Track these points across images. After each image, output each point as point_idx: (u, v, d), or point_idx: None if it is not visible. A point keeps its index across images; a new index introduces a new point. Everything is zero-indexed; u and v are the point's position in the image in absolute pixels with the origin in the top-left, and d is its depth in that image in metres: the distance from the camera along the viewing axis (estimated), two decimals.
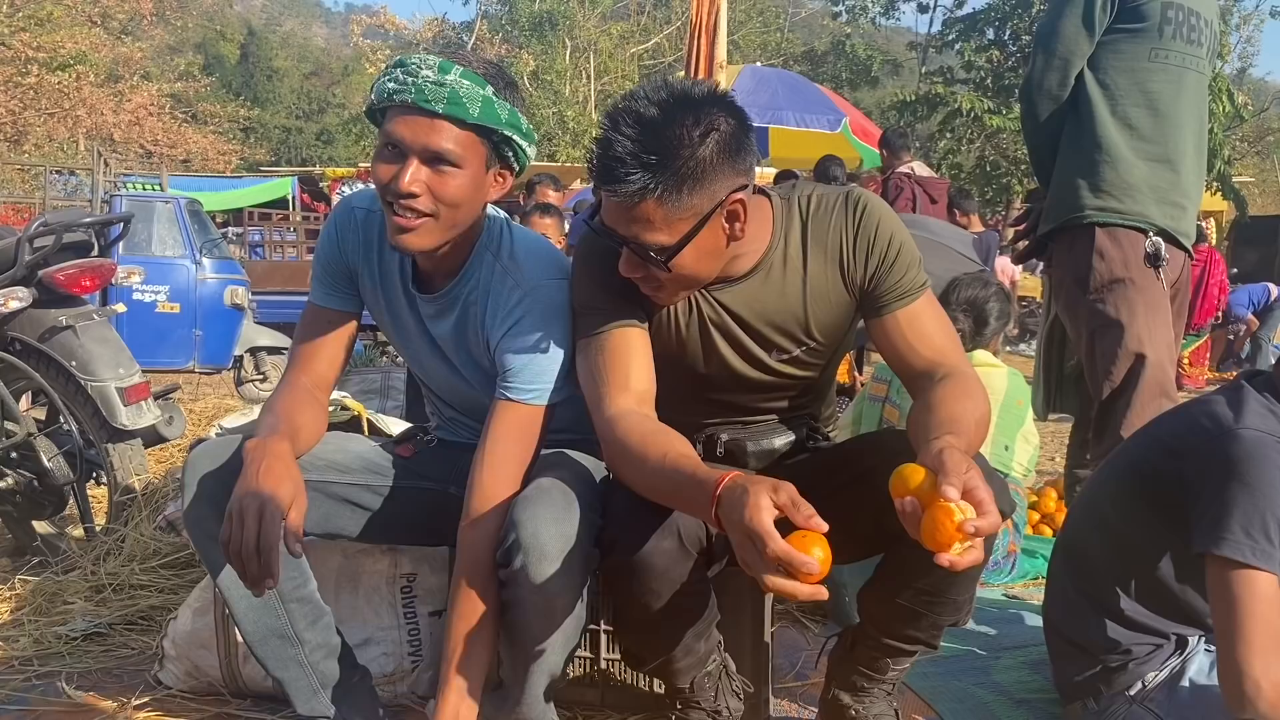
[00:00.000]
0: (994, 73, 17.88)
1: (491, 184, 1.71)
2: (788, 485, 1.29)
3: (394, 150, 1.62)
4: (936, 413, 1.50)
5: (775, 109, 9.47)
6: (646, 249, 1.54)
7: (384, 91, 1.62)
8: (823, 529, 1.25)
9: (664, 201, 1.50)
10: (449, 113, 1.59)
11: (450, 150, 1.61)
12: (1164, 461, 1.75)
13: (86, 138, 18.39)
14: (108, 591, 2.66)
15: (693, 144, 1.49)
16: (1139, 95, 2.46)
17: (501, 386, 1.71)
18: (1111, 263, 2.42)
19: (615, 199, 1.52)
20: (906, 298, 1.68)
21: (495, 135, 1.65)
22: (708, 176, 1.51)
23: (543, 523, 1.54)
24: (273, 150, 34.40)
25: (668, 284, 1.61)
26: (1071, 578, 1.94)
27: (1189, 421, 1.76)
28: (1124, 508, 1.84)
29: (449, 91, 1.59)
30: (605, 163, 1.50)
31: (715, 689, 1.81)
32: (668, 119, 1.49)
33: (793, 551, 1.22)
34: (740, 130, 1.55)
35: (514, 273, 1.75)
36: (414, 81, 1.59)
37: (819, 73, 23.98)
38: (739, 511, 1.27)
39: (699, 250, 1.56)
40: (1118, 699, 1.83)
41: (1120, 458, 1.94)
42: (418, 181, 1.61)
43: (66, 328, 2.99)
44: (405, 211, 1.63)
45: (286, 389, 1.80)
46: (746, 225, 1.59)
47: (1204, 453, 1.66)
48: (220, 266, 8.58)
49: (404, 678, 2.14)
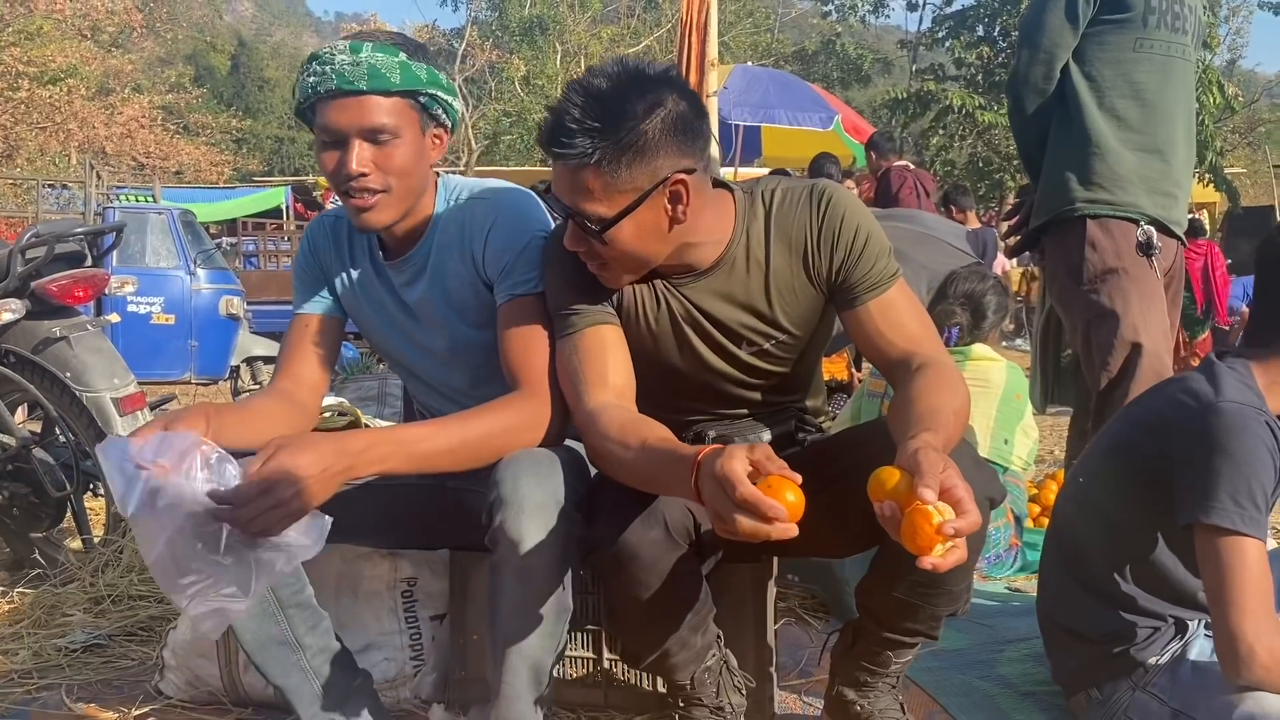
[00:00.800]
0: (984, 69, 17.89)
1: (431, 146, 1.79)
2: (764, 445, 1.30)
3: (332, 139, 1.69)
4: (914, 406, 1.50)
5: (767, 108, 9.48)
6: (585, 219, 1.56)
7: (306, 88, 1.69)
8: (795, 479, 1.25)
9: (602, 170, 1.52)
10: (372, 86, 1.67)
11: (385, 122, 1.69)
12: (1147, 441, 1.77)
13: (79, 151, 18.37)
14: (106, 603, 2.65)
15: (636, 117, 1.51)
16: (1125, 86, 2.46)
17: (505, 288, 1.76)
18: (1104, 253, 2.43)
19: (559, 165, 1.55)
20: (878, 288, 1.68)
21: (421, 96, 1.72)
22: (650, 151, 1.53)
23: (524, 478, 1.55)
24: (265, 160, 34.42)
25: (610, 261, 1.62)
26: (1065, 567, 1.94)
27: (1168, 399, 1.78)
28: (1112, 491, 1.84)
29: (366, 68, 1.66)
30: (553, 128, 1.54)
31: (717, 685, 1.80)
32: (616, 91, 1.52)
33: (760, 495, 1.23)
34: (691, 113, 1.57)
35: (476, 197, 1.84)
36: (331, 69, 1.66)
37: (810, 72, 23.98)
38: (712, 465, 1.28)
39: (639, 228, 1.58)
40: (1121, 685, 1.82)
41: (1103, 442, 1.94)
42: (363, 160, 1.68)
43: (60, 339, 2.98)
44: (359, 193, 1.70)
45: (264, 390, 1.87)
46: (697, 212, 1.61)
47: (1187, 428, 1.69)
48: (215, 277, 8.58)
49: (406, 682, 2.13)
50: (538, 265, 1.76)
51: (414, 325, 1.90)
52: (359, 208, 1.71)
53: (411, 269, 1.85)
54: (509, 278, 1.76)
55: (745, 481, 1.24)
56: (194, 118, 25.32)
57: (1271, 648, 1.56)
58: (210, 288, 8.42)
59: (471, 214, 1.82)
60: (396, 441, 1.59)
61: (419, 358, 1.95)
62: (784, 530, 1.23)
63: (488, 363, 1.84)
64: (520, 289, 1.75)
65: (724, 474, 1.25)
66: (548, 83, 24.15)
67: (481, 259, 1.79)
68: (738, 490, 1.23)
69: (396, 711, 2.07)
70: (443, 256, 1.83)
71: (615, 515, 1.57)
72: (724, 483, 1.25)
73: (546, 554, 1.54)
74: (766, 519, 1.23)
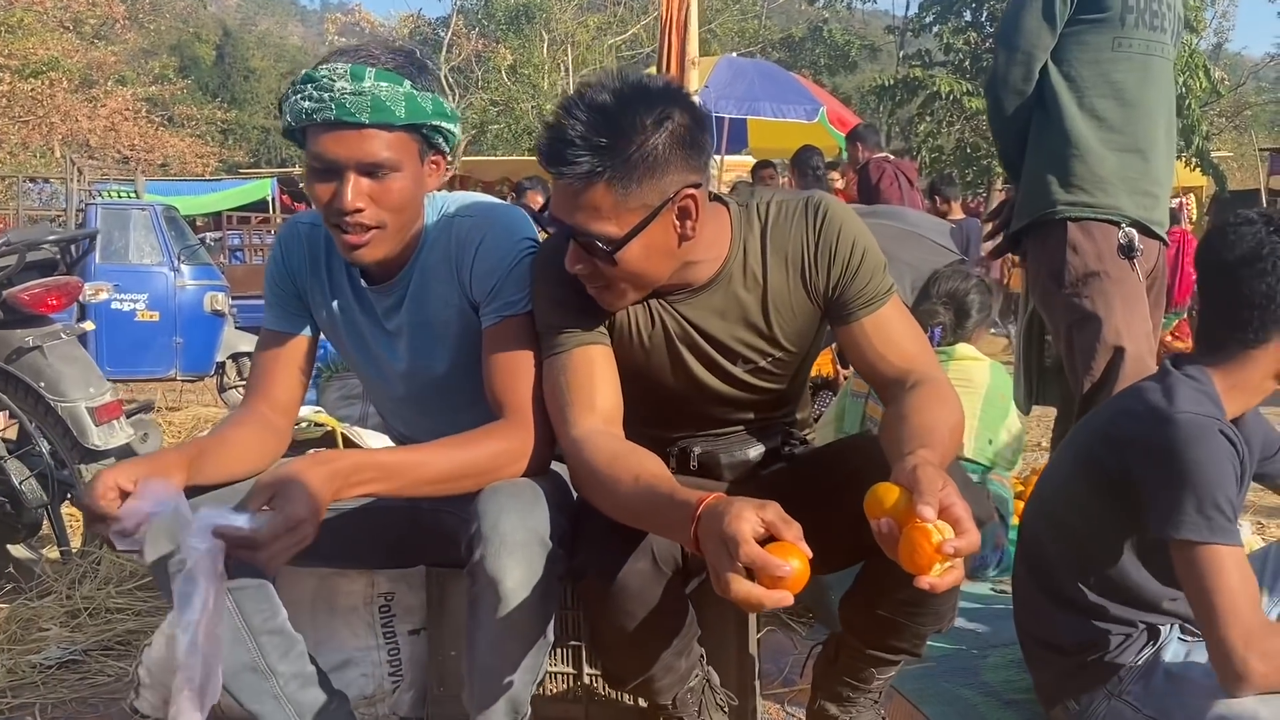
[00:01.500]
0: (972, 55, 17.84)
1: (429, 174, 1.70)
2: (774, 505, 1.25)
3: (327, 169, 1.59)
4: (910, 423, 1.46)
5: (752, 100, 9.42)
6: (593, 239, 1.50)
7: (301, 112, 1.57)
8: (807, 553, 1.21)
9: (613, 188, 1.47)
10: (375, 120, 1.57)
11: (386, 157, 1.59)
12: (1107, 454, 1.75)
13: (62, 144, 18.21)
14: (83, 616, 2.63)
15: (645, 132, 1.46)
16: (1105, 86, 2.44)
17: (492, 310, 1.69)
18: (1085, 256, 2.41)
19: (563, 183, 1.49)
20: (873, 304, 1.65)
21: (424, 129, 1.64)
22: (659, 168, 1.48)
23: (505, 513, 1.50)
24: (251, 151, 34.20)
25: (615, 281, 1.56)
26: (1033, 579, 1.92)
27: (1125, 412, 1.76)
28: (1076, 504, 1.83)
29: (370, 99, 1.55)
30: (555, 145, 1.47)
31: (699, 704, 1.78)
32: (622, 106, 1.47)
33: (766, 555, 1.18)
34: (695, 127, 1.52)
35: (462, 213, 1.76)
36: (331, 96, 1.55)
37: (797, 59, 23.92)
38: (718, 522, 1.23)
39: (648, 246, 1.52)
40: (1097, 694, 1.82)
41: (1066, 453, 1.92)
42: (360, 196, 1.59)
43: (34, 348, 2.95)
44: (353, 228, 1.61)
45: (236, 413, 1.79)
46: (701, 228, 1.56)
47: (1144, 442, 1.67)
48: (199, 273, 8.51)
49: (384, 698, 2.11)
50: (527, 285, 1.69)
51: (392, 351, 1.84)
52: (352, 244, 1.62)
53: (395, 293, 1.78)
54: (496, 299, 1.70)
55: (752, 543, 1.19)
56: (179, 109, 25.12)
57: (1265, 651, 1.55)
58: (194, 284, 8.35)
59: (458, 233, 1.74)
60: (381, 468, 1.55)
61: (394, 383, 1.88)
62: (781, 600, 1.19)
63: (466, 390, 1.79)
64: (508, 310, 1.69)
65: (731, 534, 1.20)
66: (534, 72, 24.07)
67: (469, 280, 1.72)
68: (742, 550, 1.19)
69: None
70: (427, 278, 1.76)
71: (600, 544, 1.54)
72: (729, 542, 1.20)
73: (528, 593, 1.50)
74: (771, 580, 1.18)
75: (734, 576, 1.19)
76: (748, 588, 1.19)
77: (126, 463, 1.51)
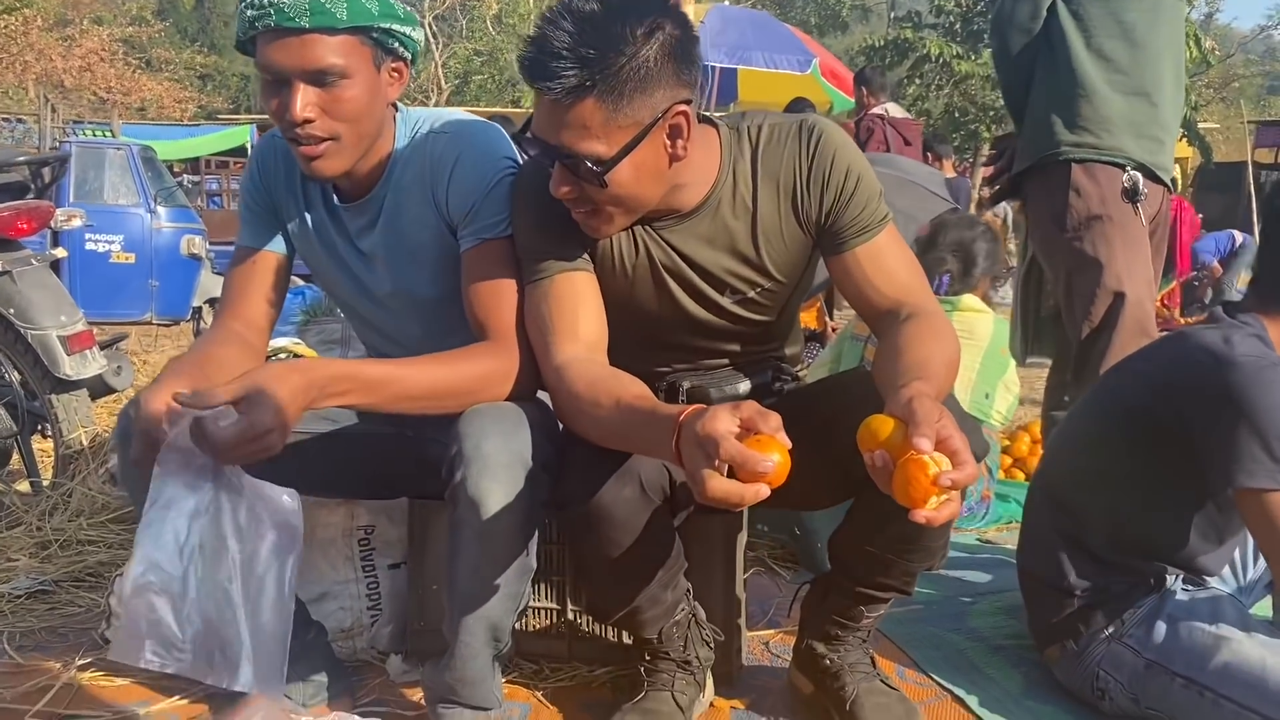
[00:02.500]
0: (963, 18, 17.73)
1: (387, 81, 1.62)
2: (751, 402, 1.21)
3: (275, 80, 1.53)
4: (904, 356, 1.41)
5: (744, 49, 9.27)
6: (580, 160, 1.42)
7: (244, 22, 1.51)
8: (786, 444, 1.17)
9: (603, 103, 1.39)
10: (316, 24, 1.49)
11: (331, 63, 1.52)
12: (1156, 401, 1.73)
13: (36, 84, 17.81)
14: (54, 548, 2.56)
15: (635, 42, 1.38)
16: (1114, 26, 2.38)
17: (471, 232, 1.63)
18: (1089, 199, 2.36)
19: (548, 98, 1.40)
20: (867, 233, 1.59)
21: (373, 31, 1.56)
22: (650, 82, 1.40)
23: (487, 435, 1.46)
24: (231, 98, 33.65)
25: (603, 206, 1.49)
26: (1049, 519, 1.91)
27: (1179, 357, 1.73)
28: (1108, 447, 1.81)
29: (309, 2, 1.48)
30: (539, 58, 1.39)
31: (684, 639, 1.74)
32: (611, 15, 1.38)
33: (746, 450, 1.15)
34: (686, 39, 1.44)
35: (437, 131, 1.69)
36: (272, 2, 1.48)
37: (788, 17, 23.68)
38: (695, 425, 1.19)
39: (638, 167, 1.45)
40: (1096, 638, 1.81)
41: (1102, 397, 1.90)
42: (309, 105, 1.52)
43: (3, 273, 2.86)
44: (307, 140, 1.54)
45: (212, 331, 1.72)
46: (691, 149, 1.49)
47: (1204, 387, 1.64)
48: (176, 215, 8.39)
49: (362, 632, 2.07)
50: (506, 206, 1.62)
51: (368, 272, 1.77)
52: (307, 156, 1.56)
53: (368, 213, 1.72)
54: (475, 221, 1.63)
55: (730, 439, 1.16)
56: (157, 52, 24.62)
57: None
58: (171, 226, 8.24)
59: (433, 152, 1.67)
60: (360, 380, 1.48)
61: (372, 306, 1.82)
62: (759, 494, 1.16)
63: (447, 313, 1.72)
64: (488, 233, 1.63)
65: (706, 434, 1.17)
66: (520, 21, 23.71)
67: (445, 201, 1.66)
68: (722, 448, 1.15)
69: (353, 662, 2.01)
70: (401, 199, 1.69)
71: (586, 472, 1.49)
72: (706, 443, 1.17)
73: (509, 516, 1.46)
74: (752, 475, 1.15)
75: (711, 473, 1.16)
76: (726, 484, 1.16)
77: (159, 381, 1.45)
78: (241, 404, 1.32)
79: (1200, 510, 1.75)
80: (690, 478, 1.21)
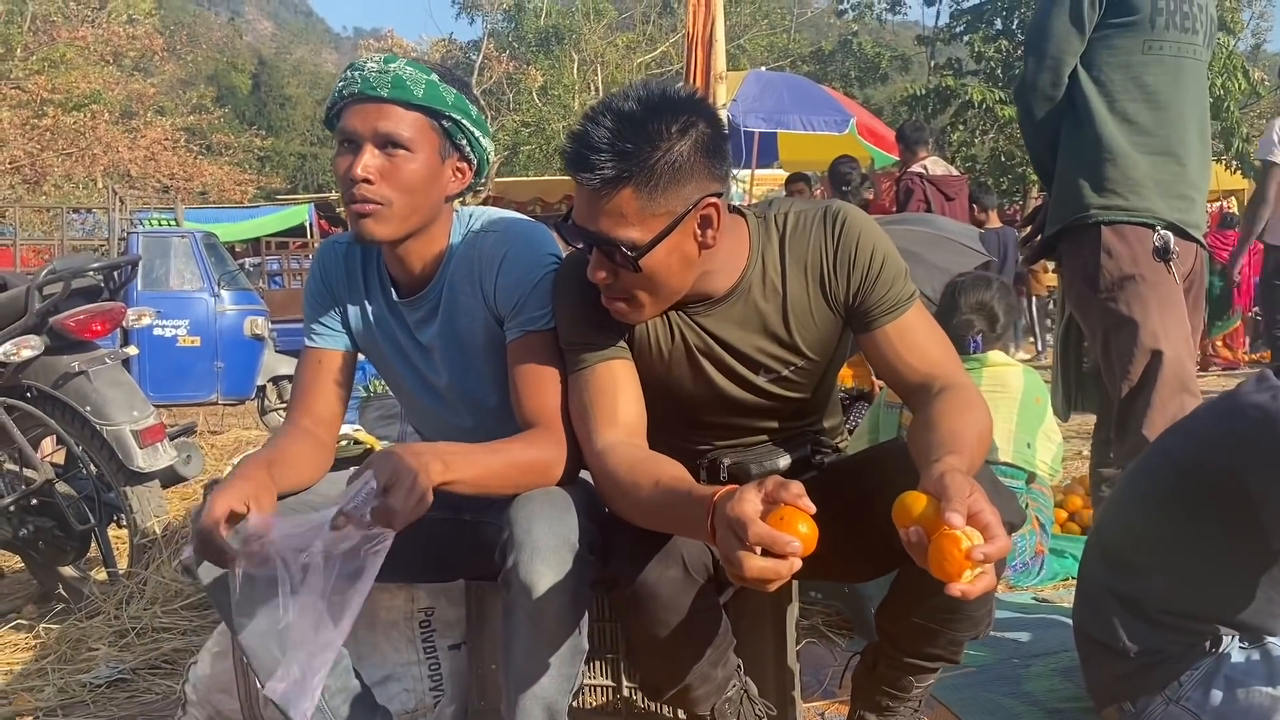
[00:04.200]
0: (1004, 63, 17.75)
1: (450, 176, 1.75)
2: (774, 477, 1.26)
3: (348, 144, 1.68)
4: (937, 429, 1.46)
5: (781, 113, 9.39)
6: (616, 245, 1.51)
7: (335, 94, 1.70)
8: (810, 509, 1.22)
9: (638, 194, 1.48)
10: (394, 95, 1.66)
11: (399, 133, 1.67)
12: (1212, 458, 1.74)
13: (104, 175, 18.55)
14: (131, 636, 2.67)
15: (670, 139, 1.48)
16: (1136, 89, 2.42)
17: (517, 324, 1.73)
18: (1120, 260, 2.38)
19: (587, 189, 1.50)
20: (895, 311, 1.65)
21: (444, 119, 1.70)
22: (683, 175, 1.50)
23: (537, 520, 1.53)
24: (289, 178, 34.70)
25: (638, 291, 1.57)
26: (1104, 579, 1.91)
27: (1232, 414, 1.75)
28: (1161, 508, 1.82)
29: (393, 77, 1.66)
30: (580, 151, 1.49)
31: (737, 714, 1.77)
32: (648, 113, 1.49)
33: (773, 531, 1.19)
34: (717, 136, 1.54)
35: (487, 229, 1.81)
36: (359, 75, 1.67)
37: (827, 71, 23.88)
38: (725, 509, 1.24)
39: (670, 254, 1.53)
40: (1154, 699, 1.80)
41: (1153, 457, 1.91)
42: (371, 167, 1.66)
43: (79, 373, 3.01)
44: (361, 199, 1.67)
45: (283, 429, 1.81)
46: (720, 238, 1.57)
47: (1257, 441, 1.66)
48: (239, 298, 8.66)
49: (426, 713, 2.12)
50: (550, 300, 1.72)
51: (427, 364, 1.87)
52: (357, 214, 1.68)
53: (426, 306, 1.82)
54: (521, 314, 1.73)
55: (756, 521, 1.21)
56: (217, 137, 25.56)
57: None
58: (234, 308, 8.50)
59: (482, 248, 1.78)
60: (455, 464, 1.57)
61: (430, 397, 1.91)
62: (793, 567, 1.20)
63: (495, 404, 1.82)
64: (532, 325, 1.72)
65: (735, 517, 1.21)
66: (564, 92, 24.26)
67: (494, 295, 1.75)
68: (750, 531, 1.20)
69: None
70: (455, 293, 1.79)
71: (632, 553, 1.55)
72: (736, 526, 1.21)
73: (560, 598, 1.52)
74: (781, 556, 1.19)
75: (745, 554, 1.20)
76: (760, 563, 1.20)
77: (229, 483, 1.54)
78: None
79: (1259, 570, 1.75)
80: (724, 560, 1.26)
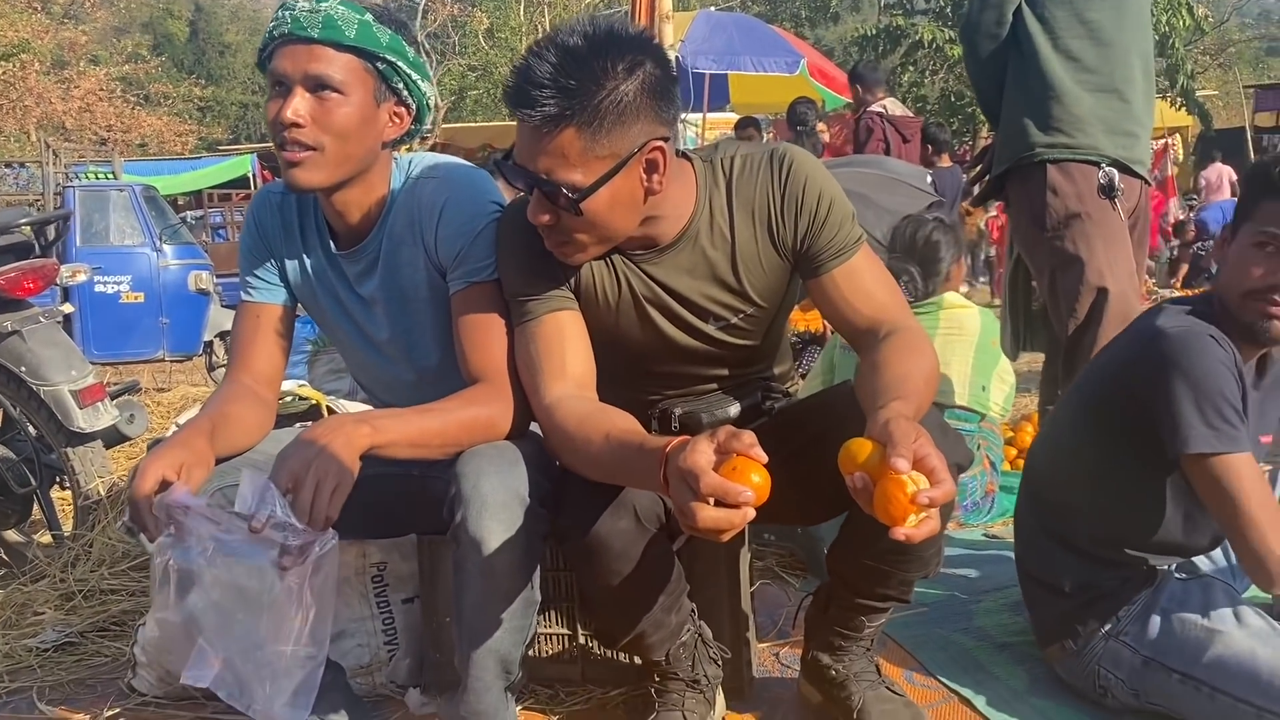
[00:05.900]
0: (953, 2, 17.71)
1: (386, 121, 1.69)
2: (726, 426, 1.25)
3: (278, 87, 1.62)
4: (883, 374, 1.45)
5: (732, 54, 9.30)
6: (558, 188, 1.47)
7: (266, 36, 1.63)
8: (762, 459, 1.21)
9: (581, 134, 1.43)
10: (324, 36, 1.59)
11: (330, 75, 1.60)
12: (1112, 389, 1.78)
13: (36, 128, 17.98)
14: (78, 599, 2.62)
15: (616, 78, 1.43)
16: (1079, 26, 2.42)
17: (460, 275, 1.68)
18: (1066, 198, 2.40)
19: (529, 126, 1.45)
20: (842, 255, 1.63)
21: (379, 61, 1.63)
22: (628, 116, 1.45)
23: (485, 475, 1.51)
24: (231, 127, 33.90)
25: (578, 233, 1.53)
26: (1039, 521, 1.94)
27: (1122, 344, 1.81)
28: (1085, 445, 1.85)
29: (323, 16, 1.59)
30: (521, 87, 1.44)
31: (692, 659, 1.78)
32: (593, 50, 1.43)
33: (725, 482, 1.18)
34: (665, 78, 1.49)
35: (425, 175, 1.75)
36: (290, 15, 1.60)
37: (778, 12, 23.67)
38: (678, 460, 1.23)
39: (614, 198, 1.49)
40: (1094, 637, 1.84)
41: (1074, 397, 1.94)
42: (299, 111, 1.59)
43: (12, 333, 2.92)
44: (292, 146, 1.61)
45: (223, 387, 1.76)
46: (667, 184, 1.54)
47: (1140, 363, 1.70)
48: (182, 252, 8.47)
49: (381, 667, 2.11)
50: (493, 250, 1.67)
51: (368, 318, 1.82)
52: (289, 161, 1.62)
53: (366, 259, 1.76)
54: (463, 264, 1.68)
55: (709, 472, 1.19)
56: (154, 87, 24.82)
57: None
58: (178, 263, 8.32)
59: (421, 196, 1.72)
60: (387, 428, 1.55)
61: (372, 351, 1.87)
62: (745, 516, 1.19)
63: (438, 357, 1.78)
64: (475, 276, 1.67)
65: (688, 468, 1.20)
66: (512, 35, 23.78)
67: (434, 245, 1.70)
68: (702, 482, 1.19)
69: (372, 698, 2.06)
70: (395, 244, 1.74)
71: (583, 505, 1.54)
72: (688, 477, 1.20)
73: (510, 552, 1.50)
74: (734, 506, 1.18)
75: (697, 506, 1.19)
76: (713, 514, 1.19)
77: (164, 449, 1.49)
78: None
79: (1176, 492, 1.77)
80: (677, 511, 1.24)
